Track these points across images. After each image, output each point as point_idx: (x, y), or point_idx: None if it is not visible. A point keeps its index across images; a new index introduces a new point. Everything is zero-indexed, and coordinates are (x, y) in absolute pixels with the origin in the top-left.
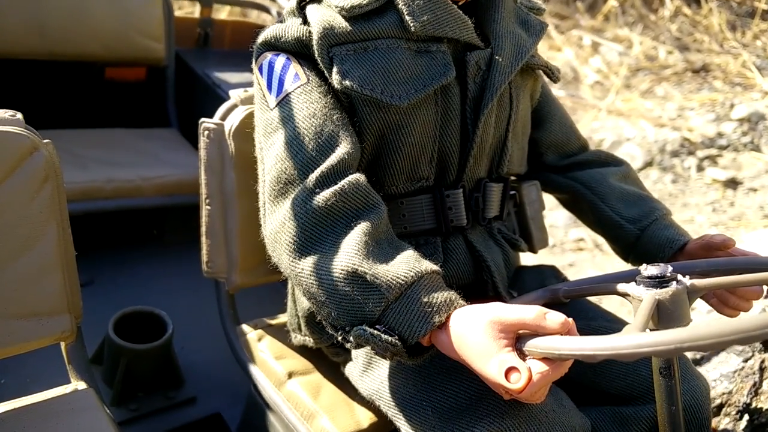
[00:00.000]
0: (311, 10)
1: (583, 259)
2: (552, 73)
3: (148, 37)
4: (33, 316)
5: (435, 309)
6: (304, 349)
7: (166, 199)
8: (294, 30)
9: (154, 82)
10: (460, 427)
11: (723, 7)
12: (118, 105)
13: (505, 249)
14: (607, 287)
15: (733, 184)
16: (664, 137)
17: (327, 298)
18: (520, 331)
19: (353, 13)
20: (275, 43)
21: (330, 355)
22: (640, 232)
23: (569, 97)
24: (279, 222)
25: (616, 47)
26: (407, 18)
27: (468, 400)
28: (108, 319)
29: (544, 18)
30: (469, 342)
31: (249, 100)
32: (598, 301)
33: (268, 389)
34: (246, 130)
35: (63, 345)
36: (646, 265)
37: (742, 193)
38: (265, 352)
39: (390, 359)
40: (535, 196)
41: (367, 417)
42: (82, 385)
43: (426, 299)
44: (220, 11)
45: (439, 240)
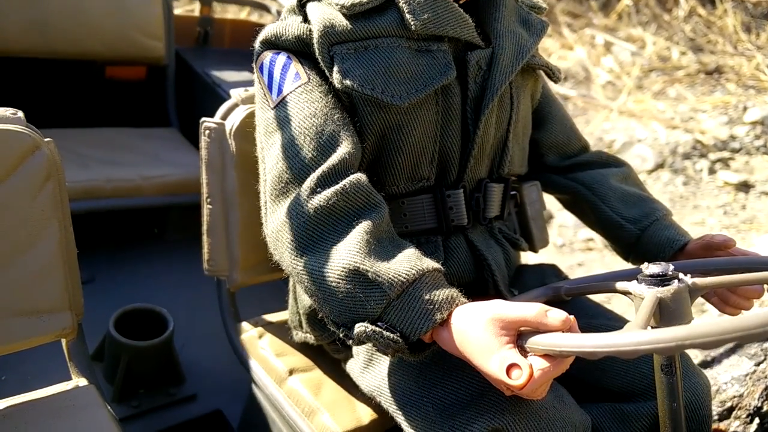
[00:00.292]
0: (312, 8)
1: (592, 259)
2: (553, 73)
3: (148, 35)
4: (34, 313)
5: (437, 306)
6: (304, 347)
7: (166, 199)
8: (294, 28)
9: (154, 80)
10: (460, 423)
11: (738, 9)
12: (118, 104)
13: (505, 248)
14: (608, 285)
15: (745, 187)
16: (675, 139)
17: (329, 296)
18: (522, 328)
19: (354, 11)
20: (276, 42)
21: (331, 352)
22: (640, 233)
23: (580, 97)
24: (281, 221)
25: (629, 47)
26: (408, 16)
27: (469, 397)
28: (109, 317)
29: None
30: (470, 339)
31: (250, 100)
32: (605, 302)
33: (269, 386)
34: (247, 130)
35: (64, 342)
36: (647, 264)
37: (754, 197)
38: (266, 350)
39: (392, 356)
40: (535, 196)
41: (368, 414)
42: (83, 381)
43: (428, 296)
44: (222, 11)
45: (440, 239)
